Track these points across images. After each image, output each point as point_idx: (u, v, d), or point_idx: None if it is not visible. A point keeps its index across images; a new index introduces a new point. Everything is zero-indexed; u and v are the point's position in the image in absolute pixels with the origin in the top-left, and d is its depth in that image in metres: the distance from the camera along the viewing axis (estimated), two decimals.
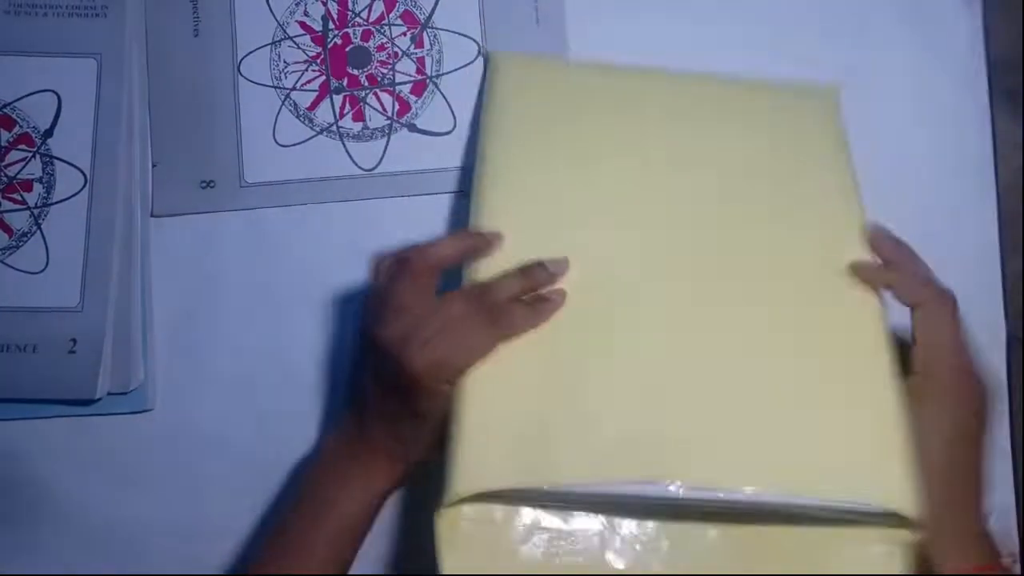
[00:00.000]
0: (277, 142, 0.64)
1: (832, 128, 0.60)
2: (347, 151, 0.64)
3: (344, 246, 0.63)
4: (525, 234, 0.53)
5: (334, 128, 0.64)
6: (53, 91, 0.62)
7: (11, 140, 0.62)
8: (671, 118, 0.59)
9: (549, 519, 0.48)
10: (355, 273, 0.62)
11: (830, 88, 0.61)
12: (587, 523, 0.48)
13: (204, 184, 0.63)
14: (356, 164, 0.64)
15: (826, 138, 0.60)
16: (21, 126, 0.62)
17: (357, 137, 0.64)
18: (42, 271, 0.61)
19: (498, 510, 0.47)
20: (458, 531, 0.46)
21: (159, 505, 0.61)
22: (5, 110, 0.62)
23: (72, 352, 0.59)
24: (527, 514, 0.48)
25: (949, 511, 0.46)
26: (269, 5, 0.65)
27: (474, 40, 0.65)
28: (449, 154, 0.63)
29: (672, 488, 0.45)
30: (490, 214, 0.54)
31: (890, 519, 0.46)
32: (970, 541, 0.46)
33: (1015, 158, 0.65)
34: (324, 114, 0.64)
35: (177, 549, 0.60)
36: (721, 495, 0.45)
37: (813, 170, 0.58)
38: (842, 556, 0.47)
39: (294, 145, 0.64)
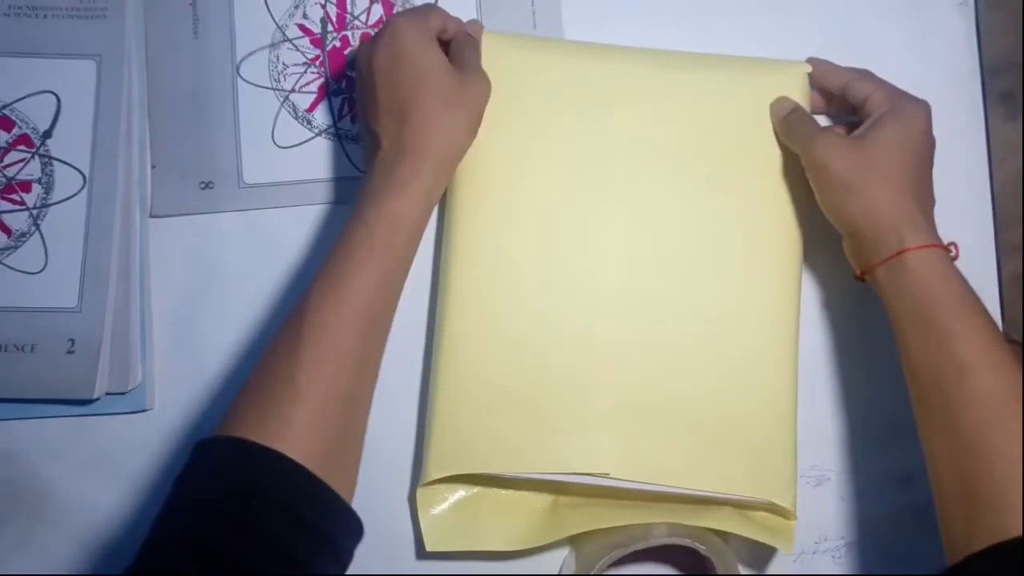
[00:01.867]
0: (276, 143, 0.64)
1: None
2: (346, 153, 0.64)
3: None
4: (496, 211, 0.59)
5: (333, 130, 0.64)
6: (52, 92, 0.62)
7: (10, 141, 0.62)
8: (637, 92, 0.61)
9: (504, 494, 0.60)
10: None
11: (800, 64, 0.62)
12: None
13: (203, 185, 0.63)
14: (355, 165, 0.64)
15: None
16: (20, 127, 0.62)
17: (356, 139, 0.64)
18: (41, 271, 0.61)
19: (468, 488, 0.59)
20: (433, 506, 0.59)
21: (158, 505, 0.61)
22: (4, 111, 0.62)
23: (71, 352, 0.60)
24: (489, 493, 0.59)
25: (918, 204, 0.54)
26: (268, 7, 0.65)
27: None
28: None
29: (607, 482, 0.57)
30: (465, 195, 0.60)
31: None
32: (929, 227, 0.54)
33: (1009, 160, 0.65)
34: (323, 116, 0.64)
35: None
36: (646, 487, 0.57)
37: (765, 146, 0.60)
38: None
39: (293, 146, 0.64)
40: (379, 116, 0.55)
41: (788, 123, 0.59)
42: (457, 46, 0.59)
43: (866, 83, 0.58)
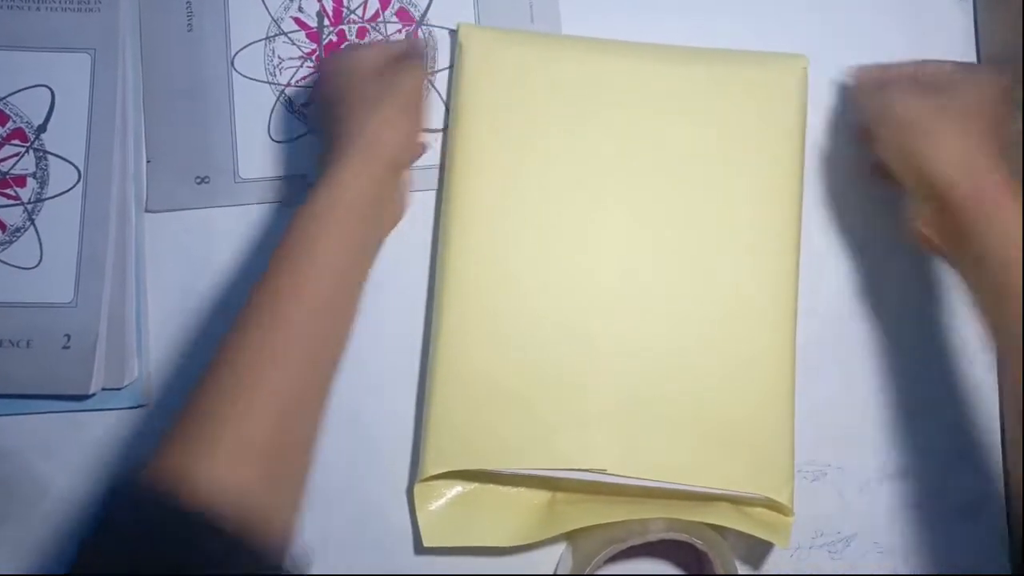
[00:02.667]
0: (272, 138, 0.64)
1: (791, 99, 0.61)
2: None
3: None
4: (493, 208, 0.59)
5: None
6: (47, 86, 0.62)
7: (5, 135, 0.62)
8: (633, 87, 0.61)
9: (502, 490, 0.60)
10: None
11: (797, 58, 0.62)
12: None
13: (199, 179, 0.63)
14: None
15: (778, 108, 0.61)
16: (15, 121, 0.62)
17: None
18: (36, 266, 0.61)
19: (466, 484, 0.59)
20: (431, 502, 0.59)
21: None
22: None
23: (66, 347, 0.59)
24: (486, 489, 0.60)
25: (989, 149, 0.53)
26: (263, 0, 0.65)
27: None
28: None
29: (605, 478, 0.57)
30: (461, 191, 0.60)
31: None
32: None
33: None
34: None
35: None
36: (644, 483, 0.58)
37: (765, 141, 0.60)
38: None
39: (289, 141, 0.64)
40: (326, 136, 0.56)
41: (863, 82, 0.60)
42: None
43: (930, 63, 0.59)
